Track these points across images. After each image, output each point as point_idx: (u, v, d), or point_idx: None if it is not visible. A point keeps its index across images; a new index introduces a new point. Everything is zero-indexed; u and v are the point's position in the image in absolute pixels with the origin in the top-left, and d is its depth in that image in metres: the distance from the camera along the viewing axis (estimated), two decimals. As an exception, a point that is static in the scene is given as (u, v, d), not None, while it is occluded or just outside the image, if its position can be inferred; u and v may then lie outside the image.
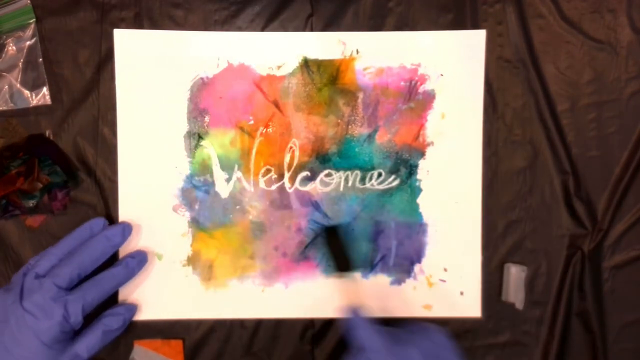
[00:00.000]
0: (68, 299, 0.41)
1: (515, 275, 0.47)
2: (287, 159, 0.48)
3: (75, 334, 0.43)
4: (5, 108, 0.47)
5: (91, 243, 0.44)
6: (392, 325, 0.44)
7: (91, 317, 0.43)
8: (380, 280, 0.48)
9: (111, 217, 0.47)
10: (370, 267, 0.48)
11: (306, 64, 0.48)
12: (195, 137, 0.48)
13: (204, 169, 0.48)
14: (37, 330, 0.40)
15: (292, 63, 0.48)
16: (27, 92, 0.47)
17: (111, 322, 0.44)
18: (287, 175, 0.48)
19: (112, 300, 0.45)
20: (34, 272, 0.42)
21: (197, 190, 0.48)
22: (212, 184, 0.48)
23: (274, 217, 0.48)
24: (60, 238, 0.45)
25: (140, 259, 0.46)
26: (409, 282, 0.48)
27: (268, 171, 0.48)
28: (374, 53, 0.48)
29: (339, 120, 0.48)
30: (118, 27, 0.47)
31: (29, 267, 0.43)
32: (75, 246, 0.44)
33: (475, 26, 0.48)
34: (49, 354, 0.40)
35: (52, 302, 0.40)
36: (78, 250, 0.43)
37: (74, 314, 0.41)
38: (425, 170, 0.48)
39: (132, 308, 0.46)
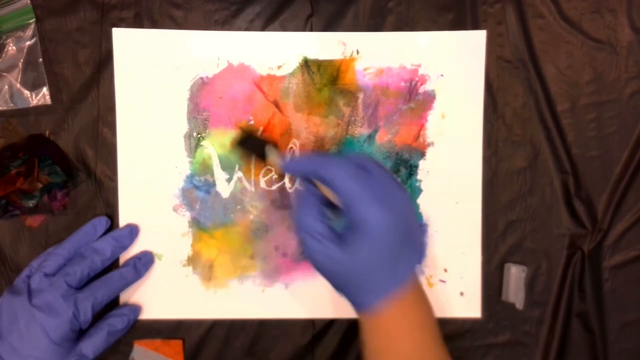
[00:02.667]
0: (78, 297, 0.41)
1: (515, 275, 0.47)
2: (287, 159, 0.48)
3: (80, 335, 0.43)
4: (5, 108, 0.47)
5: (101, 244, 0.45)
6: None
7: (94, 319, 0.43)
8: (380, 280, 0.48)
9: (111, 217, 0.47)
10: (370, 267, 0.48)
11: (306, 64, 0.48)
12: (196, 137, 0.48)
13: (205, 169, 0.48)
14: (47, 328, 0.40)
15: (292, 63, 0.48)
16: (27, 92, 0.47)
17: (116, 322, 0.44)
18: (287, 175, 0.48)
19: (113, 301, 0.45)
20: (41, 272, 0.42)
21: (197, 190, 0.48)
22: (213, 183, 0.48)
23: (275, 217, 0.48)
24: (60, 238, 0.45)
25: (146, 260, 0.47)
26: (409, 282, 0.48)
27: (269, 171, 0.48)
28: (374, 53, 0.48)
29: (339, 121, 0.48)
30: (118, 27, 0.47)
31: (33, 269, 0.43)
32: (80, 246, 0.44)
33: (475, 26, 0.48)
34: (58, 353, 0.40)
35: (63, 300, 0.41)
36: (88, 250, 0.44)
37: (84, 312, 0.41)
38: (426, 171, 0.48)
39: (136, 309, 0.46)
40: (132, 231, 0.46)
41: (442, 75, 0.48)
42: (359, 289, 0.37)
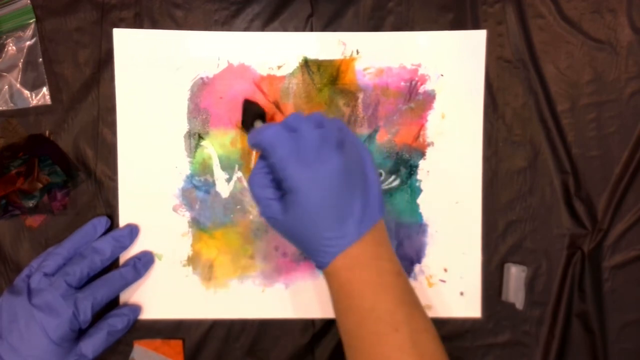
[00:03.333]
0: (78, 297, 0.42)
1: (515, 275, 0.47)
2: None
3: (79, 335, 0.43)
4: (5, 108, 0.47)
5: (101, 244, 0.45)
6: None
7: (94, 319, 0.43)
8: (380, 280, 0.48)
9: (111, 217, 0.47)
10: (370, 267, 0.48)
11: (306, 64, 0.48)
12: (196, 137, 0.48)
13: (205, 169, 0.48)
14: (47, 327, 0.40)
15: (292, 63, 0.48)
16: (27, 92, 0.47)
17: (116, 322, 0.44)
18: None
19: (113, 301, 0.45)
20: (41, 272, 0.42)
21: (197, 190, 0.48)
22: (213, 184, 0.48)
23: (274, 217, 0.48)
24: (60, 238, 0.45)
25: (146, 260, 0.47)
26: (409, 282, 0.48)
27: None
28: (374, 53, 0.48)
29: (339, 120, 0.48)
30: (118, 27, 0.47)
31: (33, 269, 0.43)
32: (80, 246, 0.44)
33: (475, 26, 0.48)
34: (57, 353, 0.40)
35: (62, 299, 0.41)
36: (87, 250, 0.44)
37: (84, 311, 0.41)
38: (426, 171, 0.48)
39: (136, 309, 0.46)
40: (132, 231, 0.46)
41: (442, 75, 0.48)
42: (310, 248, 0.38)
